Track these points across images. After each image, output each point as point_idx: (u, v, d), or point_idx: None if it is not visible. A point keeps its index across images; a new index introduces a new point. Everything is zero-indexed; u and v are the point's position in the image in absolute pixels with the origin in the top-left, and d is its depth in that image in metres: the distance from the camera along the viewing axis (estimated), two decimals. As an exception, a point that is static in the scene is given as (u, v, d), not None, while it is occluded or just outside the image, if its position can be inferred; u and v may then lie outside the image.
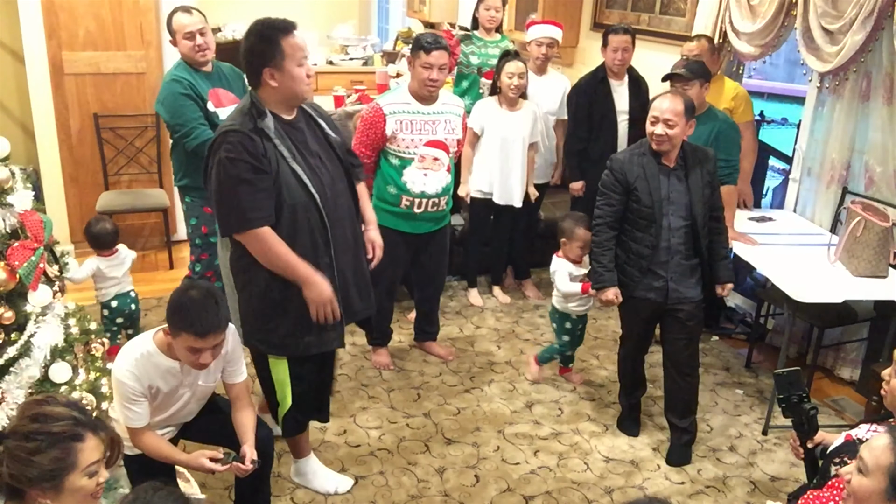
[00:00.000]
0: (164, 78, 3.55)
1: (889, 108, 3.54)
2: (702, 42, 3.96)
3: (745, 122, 3.96)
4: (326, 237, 2.49)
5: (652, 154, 2.99)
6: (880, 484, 1.57)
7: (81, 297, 3.84)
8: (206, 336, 2.12)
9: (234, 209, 2.36)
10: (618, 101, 4.26)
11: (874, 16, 3.29)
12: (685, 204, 2.99)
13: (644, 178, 2.98)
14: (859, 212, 3.28)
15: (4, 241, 2.14)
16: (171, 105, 3.40)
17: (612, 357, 3.99)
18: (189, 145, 3.39)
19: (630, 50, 4.21)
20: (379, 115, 3.35)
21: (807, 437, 2.21)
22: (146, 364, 2.22)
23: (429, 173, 3.39)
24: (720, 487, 3.05)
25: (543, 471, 3.08)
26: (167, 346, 2.23)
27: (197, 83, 3.43)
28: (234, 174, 2.32)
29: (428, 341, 3.94)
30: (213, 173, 2.37)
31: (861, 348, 3.82)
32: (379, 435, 3.25)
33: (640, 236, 3.03)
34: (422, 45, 3.30)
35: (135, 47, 4.79)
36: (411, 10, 7.64)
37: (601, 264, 3.08)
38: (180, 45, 3.46)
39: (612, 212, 3.05)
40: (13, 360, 2.12)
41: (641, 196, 2.98)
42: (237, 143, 2.32)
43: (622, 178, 3.00)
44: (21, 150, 4.67)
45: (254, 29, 2.38)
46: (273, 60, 2.33)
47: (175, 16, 3.46)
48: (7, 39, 4.57)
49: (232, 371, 2.41)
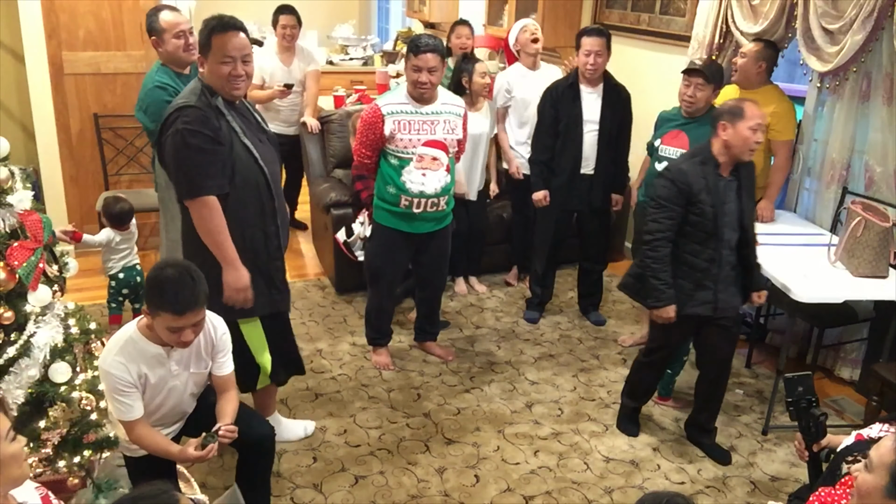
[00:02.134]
0: (144, 83, 3.40)
1: (889, 108, 3.54)
2: (758, 45, 3.78)
3: (780, 142, 3.78)
4: (273, 208, 2.69)
5: (713, 164, 2.89)
6: (882, 480, 1.59)
7: (81, 297, 3.85)
8: (184, 314, 2.09)
9: (188, 175, 2.51)
10: (586, 109, 3.97)
11: (874, 16, 3.29)
12: (737, 215, 2.92)
13: (707, 189, 2.86)
14: (859, 212, 3.27)
15: (4, 241, 2.14)
16: (155, 113, 3.20)
17: (612, 357, 4.00)
18: None
19: (604, 54, 3.89)
20: (377, 116, 3.36)
21: (813, 441, 2.22)
22: (131, 351, 2.18)
23: (427, 173, 3.39)
24: (720, 487, 3.05)
25: (543, 471, 3.08)
26: (150, 331, 2.20)
27: (179, 88, 3.30)
28: (193, 143, 2.47)
29: (428, 341, 3.94)
30: (170, 143, 2.51)
31: (861, 348, 3.82)
32: (379, 435, 3.25)
33: (697, 249, 2.92)
34: (412, 46, 3.32)
35: (135, 47, 4.78)
36: (411, 10, 7.64)
37: (662, 280, 2.94)
38: (168, 45, 3.33)
39: (672, 225, 2.90)
40: (13, 360, 2.12)
41: (704, 208, 2.86)
42: (195, 117, 2.48)
43: (686, 190, 2.86)
44: (21, 150, 4.67)
45: (206, 20, 2.57)
46: (204, 52, 2.55)
47: (161, 14, 3.33)
48: (7, 39, 4.57)
49: (221, 363, 2.39)
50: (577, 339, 4.19)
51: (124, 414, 2.19)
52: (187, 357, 2.29)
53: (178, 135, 2.47)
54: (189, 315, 2.11)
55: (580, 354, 4.02)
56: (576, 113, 3.97)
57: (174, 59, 3.37)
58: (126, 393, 2.17)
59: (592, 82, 3.98)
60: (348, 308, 4.40)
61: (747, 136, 2.82)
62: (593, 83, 3.99)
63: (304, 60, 5.06)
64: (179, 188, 2.57)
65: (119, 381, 2.15)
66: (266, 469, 2.56)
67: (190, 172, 2.50)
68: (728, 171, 2.92)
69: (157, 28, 3.33)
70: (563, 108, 3.99)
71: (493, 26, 6.27)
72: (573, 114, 3.97)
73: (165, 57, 3.38)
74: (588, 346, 4.10)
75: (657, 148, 3.73)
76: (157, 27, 3.33)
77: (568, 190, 4.07)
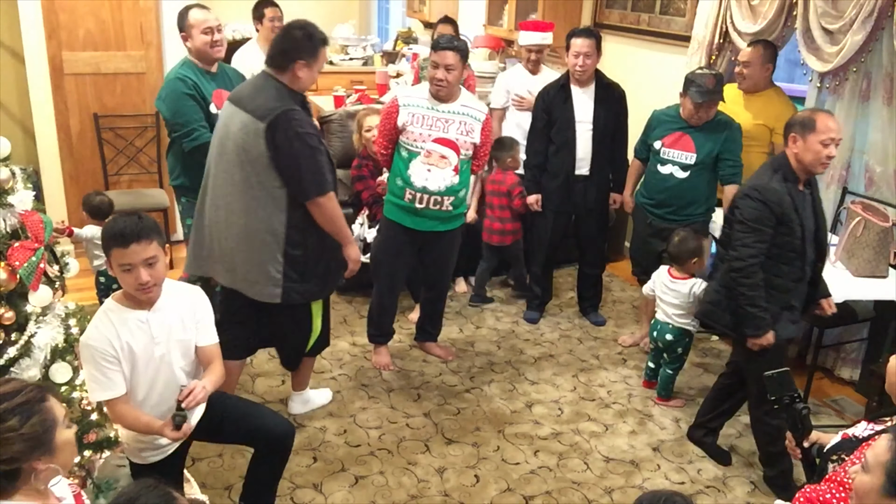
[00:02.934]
0: (168, 75, 3.53)
1: (889, 108, 3.54)
2: (757, 48, 3.78)
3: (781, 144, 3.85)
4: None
5: (794, 179, 2.77)
6: (878, 480, 1.60)
7: (82, 298, 3.85)
8: (129, 245, 2.08)
9: (316, 175, 2.77)
10: (578, 109, 3.97)
11: (874, 16, 3.30)
12: (814, 230, 2.82)
13: (794, 207, 2.74)
14: (859, 212, 3.28)
15: (5, 241, 2.13)
16: (172, 103, 3.39)
17: (612, 357, 4.00)
18: (187, 146, 3.39)
19: (593, 55, 3.87)
20: (394, 106, 3.46)
21: (802, 437, 2.22)
22: (112, 320, 2.16)
23: (433, 169, 3.40)
24: (720, 487, 3.05)
25: (543, 471, 3.09)
26: (126, 298, 2.20)
27: (201, 83, 3.42)
28: (313, 145, 2.75)
29: (428, 342, 3.94)
30: (293, 145, 2.70)
31: (861, 348, 3.82)
32: (379, 435, 3.25)
33: (785, 270, 2.80)
34: (434, 43, 3.45)
35: (135, 47, 4.78)
36: (411, 10, 7.64)
37: (759, 307, 2.77)
38: (196, 39, 3.41)
39: (764, 248, 2.75)
40: (13, 361, 2.11)
41: (794, 227, 2.74)
42: (303, 119, 2.75)
43: (778, 211, 2.72)
44: (21, 150, 4.67)
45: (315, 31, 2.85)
46: (306, 56, 2.81)
47: (192, 11, 3.43)
48: (7, 39, 4.57)
49: (204, 332, 2.35)
50: (577, 339, 4.19)
51: (107, 389, 2.13)
52: (168, 324, 2.24)
53: (299, 139, 2.70)
54: (134, 247, 2.08)
55: (580, 354, 4.02)
56: (567, 114, 3.98)
57: (201, 54, 3.46)
58: (106, 367, 2.12)
59: (583, 83, 3.99)
60: (348, 308, 4.40)
61: (818, 150, 2.68)
62: (584, 83, 3.99)
63: None
64: (307, 187, 2.77)
65: (99, 353, 2.11)
66: (280, 468, 2.57)
67: (318, 172, 2.77)
68: (803, 185, 2.81)
69: (186, 24, 3.43)
70: (555, 110, 4.00)
71: (493, 26, 6.27)
72: (565, 115, 3.98)
73: (193, 52, 3.47)
74: (588, 346, 4.11)
75: (658, 150, 3.74)
76: (186, 23, 3.43)
77: (564, 192, 4.08)
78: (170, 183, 3.69)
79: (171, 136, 3.51)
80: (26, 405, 1.57)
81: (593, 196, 4.11)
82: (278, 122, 2.67)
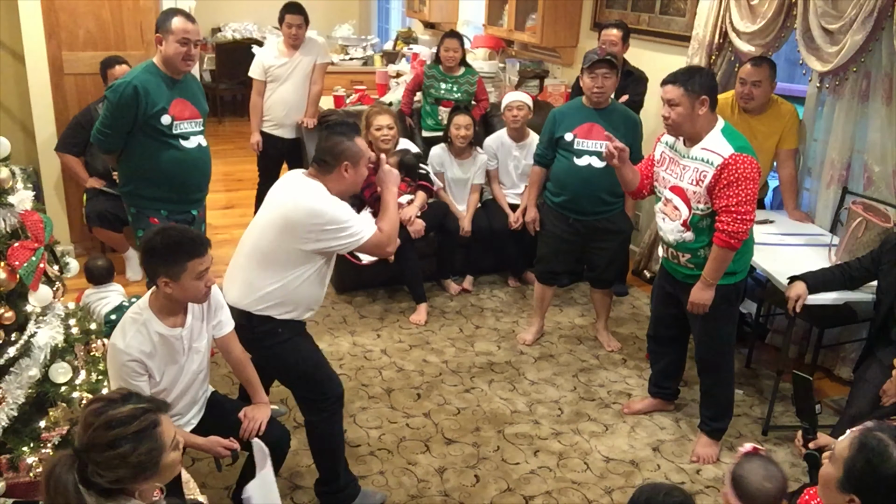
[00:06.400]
0: (131, 72, 3.39)
1: (889, 108, 3.54)
2: (764, 67, 3.69)
3: (787, 150, 3.83)
4: None
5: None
6: (837, 472, 1.64)
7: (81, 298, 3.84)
8: (206, 253, 2.22)
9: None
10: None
11: (874, 16, 3.30)
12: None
13: None
14: (860, 212, 3.28)
15: (5, 241, 2.13)
16: (114, 106, 3.29)
17: (612, 357, 4.00)
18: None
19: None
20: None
21: (811, 439, 2.25)
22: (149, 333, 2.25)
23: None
24: (720, 487, 3.04)
25: (543, 471, 3.09)
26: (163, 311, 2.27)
27: (160, 90, 3.31)
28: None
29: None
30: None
31: (861, 348, 3.80)
32: (379, 435, 3.25)
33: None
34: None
35: (135, 47, 4.77)
36: (411, 10, 7.64)
37: None
38: (168, 46, 3.29)
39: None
40: (13, 361, 2.11)
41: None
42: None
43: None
44: (21, 150, 4.66)
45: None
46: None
47: (176, 17, 3.31)
48: (7, 39, 4.57)
49: (223, 322, 2.49)
50: (577, 339, 4.19)
51: None
52: (197, 336, 2.38)
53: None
54: (208, 254, 2.23)
55: (580, 354, 4.02)
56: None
57: (169, 62, 3.35)
58: (132, 379, 2.22)
59: (600, 105, 3.70)
60: (348, 308, 4.40)
61: None
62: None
63: (312, 52, 4.89)
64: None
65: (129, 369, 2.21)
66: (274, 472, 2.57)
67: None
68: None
69: (164, 28, 3.31)
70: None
71: (493, 26, 6.27)
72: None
73: (162, 57, 3.35)
74: (588, 346, 4.11)
75: (571, 142, 3.66)
76: (165, 27, 3.31)
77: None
78: (118, 190, 3.64)
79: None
80: (140, 433, 1.61)
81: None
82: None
